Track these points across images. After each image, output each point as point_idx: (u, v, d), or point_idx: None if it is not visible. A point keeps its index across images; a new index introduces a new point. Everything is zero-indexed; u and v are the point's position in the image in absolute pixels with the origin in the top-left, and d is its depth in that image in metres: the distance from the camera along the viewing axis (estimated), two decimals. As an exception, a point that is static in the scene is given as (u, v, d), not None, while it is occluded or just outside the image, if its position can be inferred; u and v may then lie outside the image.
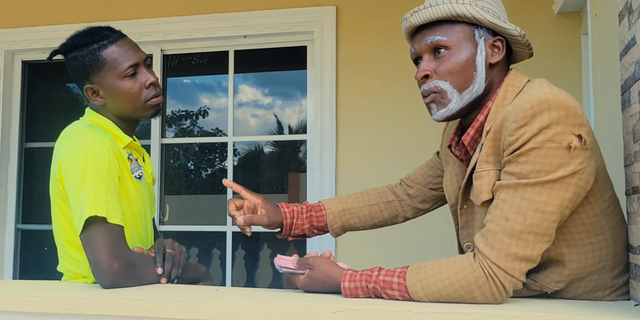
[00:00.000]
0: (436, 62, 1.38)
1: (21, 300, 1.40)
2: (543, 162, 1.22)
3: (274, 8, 3.68)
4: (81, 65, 1.69)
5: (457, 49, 1.36)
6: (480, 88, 1.37)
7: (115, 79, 1.68)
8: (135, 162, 1.75)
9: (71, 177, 1.56)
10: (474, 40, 1.37)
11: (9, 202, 4.10)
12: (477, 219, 1.42)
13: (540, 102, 1.23)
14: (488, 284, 1.23)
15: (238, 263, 4.25)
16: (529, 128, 1.22)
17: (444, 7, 1.34)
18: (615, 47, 1.57)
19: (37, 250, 4.23)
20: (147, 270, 1.59)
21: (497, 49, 1.39)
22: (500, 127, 1.30)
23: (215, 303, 1.29)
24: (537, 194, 1.22)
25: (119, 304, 1.35)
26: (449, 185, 1.54)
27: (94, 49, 1.68)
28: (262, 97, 4.35)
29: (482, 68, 1.36)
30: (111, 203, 1.55)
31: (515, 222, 1.22)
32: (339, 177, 3.55)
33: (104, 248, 1.51)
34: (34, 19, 4.03)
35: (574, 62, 3.27)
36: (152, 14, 3.85)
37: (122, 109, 1.73)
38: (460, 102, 1.37)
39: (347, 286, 1.33)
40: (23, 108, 4.19)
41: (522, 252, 1.22)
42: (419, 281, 1.27)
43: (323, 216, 1.74)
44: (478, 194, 1.34)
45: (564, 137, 1.22)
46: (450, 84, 1.36)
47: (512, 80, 1.39)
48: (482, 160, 1.33)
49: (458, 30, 1.37)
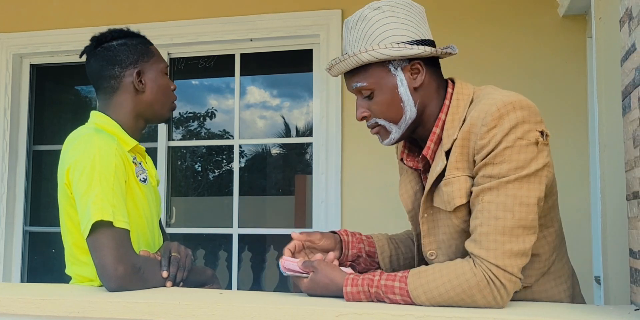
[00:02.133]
0: (368, 103, 1.47)
1: (28, 303, 1.42)
2: (518, 159, 1.29)
3: (280, 11, 3.70)
4: (132, 51, 1.79)
5: (379, 90, 1.44)
6: (412, 113, 1.44)
7: (159, 73, 1.82)
8: (139, 166, 1.77)
9: (78, 181, 1.58)
10: (391, 75, 1.43)
11: (17, 204, 4.13)
12: (442, 225, 1.45)
13: (505, 104, 1.32)
14: (489, 288, 1.25)
15: (244, 265, 4.26)
16: (498, 129, 1.30)
17: (351, 60, 1.41)
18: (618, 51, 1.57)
19: (45, 252, 4.26)
20: (152, 274, 1.61)
21: (417, 71, 1.44)
22: (468, 134, 1.36)
23: (219, 306, 1.31)
24: (518, 189, 1.29)
25: (124, 307, 1.37)
26: (405, 193, 1.58)
27: (145, 42, 1.84)
28: (269, 100, 4.37)
29: (407, 96, 1.43)
30: (118, 207, 1.57)
31: (505, 219, 1.28)
32: (345, 179, 3.57)
33: (109, 252, 1.53)
34: (42, 22, 4.06)
35: (578, 65, 3.26)
36: (159, 17, 3.88)
37: (154, 101, 1.81)
38: (400, 131, 1.47)
39: (350, 291, 1.34)
40: (31, 111, 4.22)
41: (517, 247, 1.27)
42: (420, 286, 1.29)
43: (372, 243, 1.69)
44: (449, 200, 1.38)
45: (531, 134, 1.31)
46: (385, 119, 1.46)
47: (460, 89, 1.46)
48: (452, 167, 1.38)
49: (372, 72, 1.43)
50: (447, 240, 1.43)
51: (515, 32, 3.39)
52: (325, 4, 3.63)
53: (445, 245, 1.44)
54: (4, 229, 4.04)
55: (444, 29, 3.29)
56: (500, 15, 3.43)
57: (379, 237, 1.71)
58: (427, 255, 1.49)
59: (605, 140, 2.09)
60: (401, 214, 3.65)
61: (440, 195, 1.41)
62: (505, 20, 3.42)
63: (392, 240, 1.71)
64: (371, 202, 3.52)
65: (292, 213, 4.49)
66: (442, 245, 1.45)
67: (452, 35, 3.39)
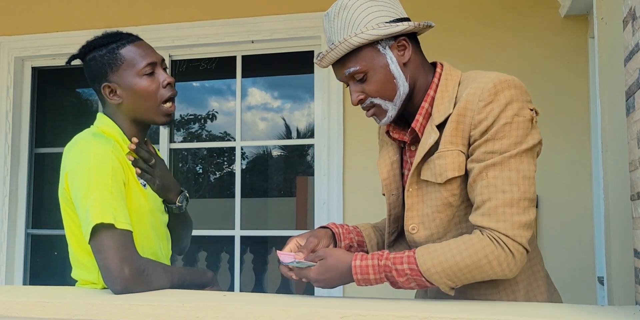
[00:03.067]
0: (362, 85, 1.51)
1: (32, 306, 1.42)
2: (517, 135, 1.37)
3: (281, 13, 3.71)
4: (100, 64, 1.71)
5: (372, 70, 1.49)
6: (405, 88, 1.50)
7: (133, 77, 1.70)
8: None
9: (77, 186, 1.58)
10: (381, 54, 1.49)
11: (19, 207, 4.13)
12: (428, 199, 1.49)
13: (501, 81, 1.40)
14: (497, 251, 1.31)
15: (246, 267, 4.26)
16: (495, 104, 1.38)
17: (342, 46, 1.47)
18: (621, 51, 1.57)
19: (47, 255, 4.26)
20: (156, 276, 1.61)
21: (404, 47, 1.50)
22: (464, 110, 1.42)
23: (223, 308, 1.30)
24: (520, 163, 1.36)
25: (128, 310, 1.36)
26: (382, 162, 1.62)
27: (113, 48, 1.71)
28: (270, 102, 4.37)
29: (399, 73, 1.49)
30: (118, 209, 1.57)
31: (512, 192, 1.34)
32: (346, 181, 3.57)
33: (114, 253, 1.52)
34: (43, 25, 4.07)
35: (580, 65, 3.27)
36: (160, 20, 3.88)
37: (137, 109, 1.72)
38: (396, 107, 1.52)
39: (359, 264, 1.39)
40: (33, 114, 4.23)
41: (524, 219, 1.33)
42: (427, 253, 1.35)
43: (360, 233, 1.73)
44: (442, 172, 1.43)
45: (525, 111, 1.39)
46: (381, 98, 1.51)
47: (449, 70, 1.54)
48: (446, 141, 1.43)
49: (363, 55, 1.49)
50: (432, 214, 1.48)
51: (517, 32, 3.39)
52: (326, 5, 3.59)
53: (429, 219, 1.49)
54: (6, 232, 4.04)
55: (445, 30, 3.30)
56: (501, 16, 3.43)
57: (365, 226, 1.75)
58: (408, 229, 1.53)
59: (608, 140, 2.08)
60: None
61: (432, 168, 1.46)
62: (506, 21, 3.42)
63: (376, 228, 1.76)
64: (373, 204, 3.50)
65: (293, 215, 4.49)
66: (425, 219, 1.49)
67: (453, 36, 3.39)
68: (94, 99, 4.44)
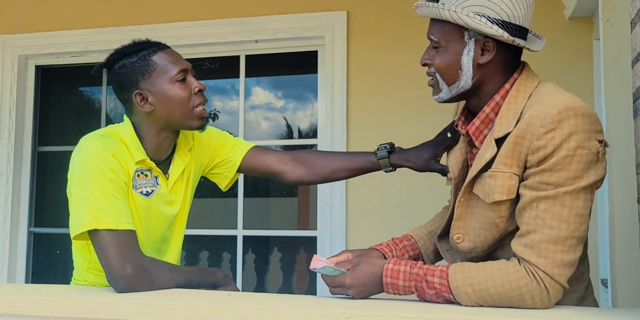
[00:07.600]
0: (435, 53, 1.46)
1: (37, 304, 1.42)
2: (577, 169, 1.26)
3: (285, 13, 3.70)
4: (131, 72, 1.68)
5: (445, 49, 1.43)
6: (467, 84, 1.43)
7: (166, 84, 1.69)
8: (145, 179, 1.73)
9: (78, 187, 1.59)
10: (463, 41, 1.41)
11: (22, 205, 4.13)
12: (477, 213, 1.44)
13: (567, 108, 1.27)
14: (532, 284, 1.26)
15: (248, 267, 4.26)
16: (557, 133, 1.26)
17: (433, 9, 1.41)
18: (627, 52, 1.57)
19: (50, 253, 4.26)
20: (160, 275, 1.60)
21: (488, 49, 1.41)
22: (524, 132, 1.32)
23: (228, 308, 1.30)
24: (575, 199, 1.27)
25: (132, 309, 1.36)
26: (453, 159, 1.57)
27: (144, 55, 1.69)
28: (274, 101, 4.37)
29: (468, 67, 1.41)
30: (120, 210, 1.58)
31: (560, 229, 1.26)
32: (349, 181, 3.55)
33: (115, 252, 1.53)
34: (47, 24, 4.07)
35: (585, 67, 3.26)
36: (163, 19, 3.88)
37: (169, 116, 1.70)
38: (449, 93, 1.46)
39: (391, 268, 1.38)
40: (36, 112, 4.23)
41: (567, 257, 1.27)
42: (461, 271, 1.32)
43: (415, 244, 1.70)
44: (490, 193, 1.37)
45: (592, 143, 1.27)
46: (440, 76, 1.45)
47: (524, 80, 1.43)
48: (500, 162, 1.35)
49: (447, 30, 1.42)
50: (477, 229, 1.43)
51: (521, 34, 3.37)
52: (330, 5, 3.63)
53: (475, 233, 1.44)
54: (8, 230, 4.04)
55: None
56: (506, 17, 3.42)
57: (420, 235, 1.72)
58: (453, 237, 1.49)
59: (613, 142, 2.08)
60: (406, 216, 3.66)
61: (482, 185, 1.40)
62: (511, 22, 3.40)
63: (432, 234, 1.71)
64: (376, 204, 3.51)
65: (295, 215, 4.49)
66: (471, 231, 1.45)
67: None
68: (97, 98, 4.44)
